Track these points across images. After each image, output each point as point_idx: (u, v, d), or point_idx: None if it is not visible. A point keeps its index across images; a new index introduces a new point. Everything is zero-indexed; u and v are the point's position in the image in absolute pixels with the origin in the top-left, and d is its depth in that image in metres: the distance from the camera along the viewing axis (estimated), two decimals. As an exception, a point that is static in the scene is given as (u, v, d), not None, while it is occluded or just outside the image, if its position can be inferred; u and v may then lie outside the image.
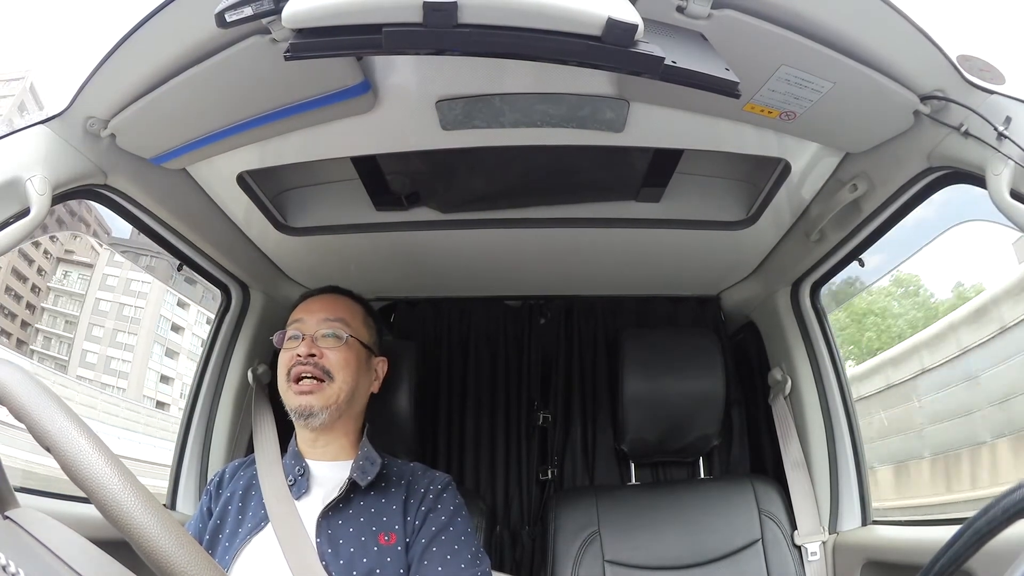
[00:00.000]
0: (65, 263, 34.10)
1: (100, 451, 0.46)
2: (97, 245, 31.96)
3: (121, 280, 32.81)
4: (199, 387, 1.49)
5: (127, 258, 2.24)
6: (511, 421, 1.73)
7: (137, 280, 31.76)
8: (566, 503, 1.45)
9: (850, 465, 1.40)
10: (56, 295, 33.57)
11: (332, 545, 1.00)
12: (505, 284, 1.70)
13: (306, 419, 1.08)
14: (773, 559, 1.36)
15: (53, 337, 32.80)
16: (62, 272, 34.07)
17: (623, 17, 0.65)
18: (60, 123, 0.92)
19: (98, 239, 28.18)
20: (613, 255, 1.53)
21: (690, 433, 1.51)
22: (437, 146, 1.12)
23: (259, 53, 0.84)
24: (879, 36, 0.83)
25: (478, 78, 0.98)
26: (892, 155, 1.02)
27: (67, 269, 34.10)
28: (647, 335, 1.59)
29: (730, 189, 1.37)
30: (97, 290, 32.71)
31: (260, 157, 1.14)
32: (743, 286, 1.65)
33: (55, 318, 33.15)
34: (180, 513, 1.41)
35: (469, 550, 1.03)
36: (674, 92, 0.74)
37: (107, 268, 32.21)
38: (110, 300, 33.03)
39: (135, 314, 32.52)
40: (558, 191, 1.36)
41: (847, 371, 1.50)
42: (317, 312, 1.14)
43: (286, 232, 1.37)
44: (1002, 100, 0.83)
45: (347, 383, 1.10)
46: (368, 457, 1.09)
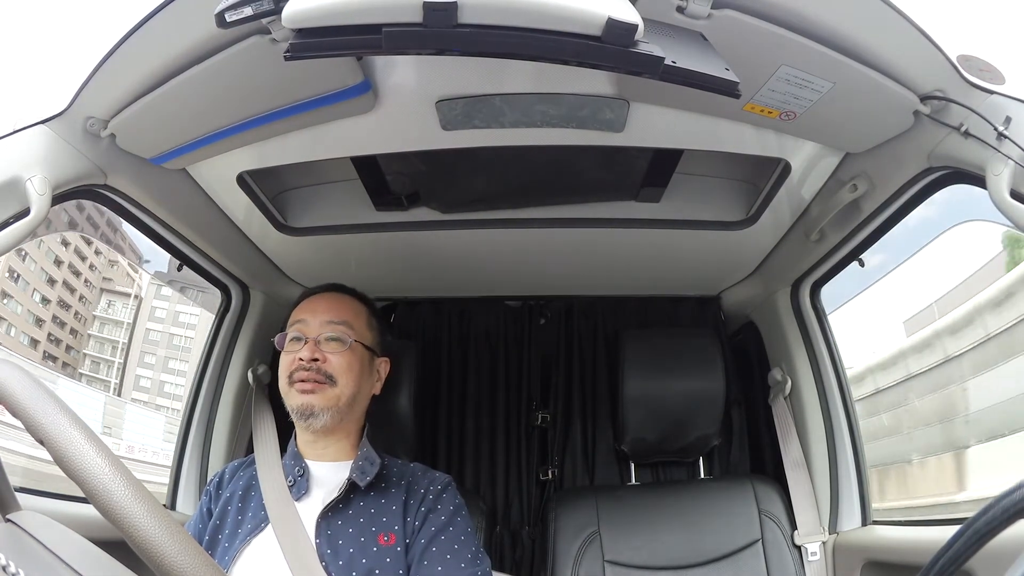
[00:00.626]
0: (108, 292, 36.95)
1: (100, 451, 0.46)
2: (133, 272, 34.90)
3: (169, 312, 35.40)
4: (199, 387, 1.49)
5: (173, 288, 2.33)
6: (511, 421, 1.73)
7: (185, 312, 34.31)
8: (566, 503, 1.45)
9: (850, 465, 1.40)
10: (101, 323, 36.33)
11: (331, 546, 1.00)
12: (505, 284, 1.70)
13: (307, 419, 1.07)
14: (773, 559, 1.36)
15: (101, 362, 35.24)
16: (106, 301, 36.95)
17: (623, 17, 0.65)
18: (60, 123, 0.92)
19: (133, 267, 29.13)
20: (613, 255, 1.53)
21: (690, 433, 1.51)
22: (437, 146, 1.12)
23: (259, 53, 0.84)
24: (879, 36, 0.83)
25: (478, 78, 0.98)
26: (892, 155, 1.02)
27: (111, 299, 37.03)
28: (647, 335, 1.59)
29: (730, 189, 1.37)
30: (147, 321, 34.99)
31: (260, 157, 1.14)
32: (743, 286, 1.65)
33: (102, 344, 35.64)
34: (180, 513, 1.41)
35: (469, 550, 1.03)
36: (674, 92, 0.74)
37: (155, 301, 34.70)
38: (160, 330, 35.68)
39: (185, 343, 34.98)
40: (558, 191, 1.36)
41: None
42: (320, 313, 1.12)
43: (286, 232, 1.37)
44: (1002, 100, 0.83)
45: (349, 387, 1.09)
46: (368, 458, 1.09)
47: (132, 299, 35.53)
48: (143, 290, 34.86)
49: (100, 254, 34.03)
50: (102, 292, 36.38)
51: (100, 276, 35.81)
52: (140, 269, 29.21)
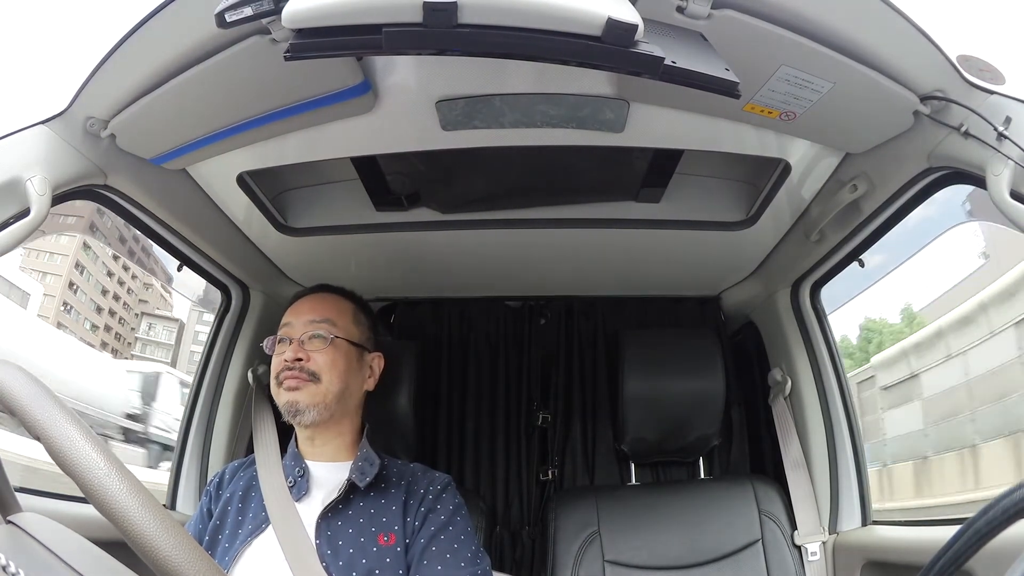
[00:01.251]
0: (148, 316, 40.25)
1: (100, 452, 0.46)
2: (166, 294, 37.70)
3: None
4: (199, 387, 1.49)
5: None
6: (511, 421, 1.73)
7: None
8: (566, 503, 1.45)
9: (850, 465, 1.40)
10: (143, 344, 39.77)
11: (331, 546, 1.00)
12: (505, 284, 1.70)
13: (295, 416, 1.08)
14: (773, 559, 1.36)
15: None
16: (147, 324, 40.33)
17: (623, 17, 0.65)
18: (60, 123, 0.92)
19: (166, 290, 30.94)
20: (613, 255, 1.53)
21: (690, 433, 1.51)
22: (437, 146, 1.12)
23: (259, 53, 0.84)
24: (879, 36, 0.83)
25: (478, 78, 0.98)
26: (892, 155, 1.02)
27: (151, 322, 40.37)
28: (647, 335, 1.59)
29: (730, 189, 1.37)
30: (191, 344, 36.66)
31: (260, 157, 1.14)
32: (743, 286, 1.65)
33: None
34: (180, 513, 1.41)
35: (469, 549, 1.03)
36: (674, 92, 0.74)
37: (197, 326, 36.29)
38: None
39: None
40: (558, 191, 1.36)
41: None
42: (304, 314, 1.14)
43: (286, 232, 1.37)
44: (1002, 100, 0.83)
45: (335, 383, 1.10)
46: (367, 458, 1.09)
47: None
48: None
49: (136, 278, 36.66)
50: (142, 315, 39.68)
51: (137, 299, 39.14)
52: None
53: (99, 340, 34.48)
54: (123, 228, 0.99)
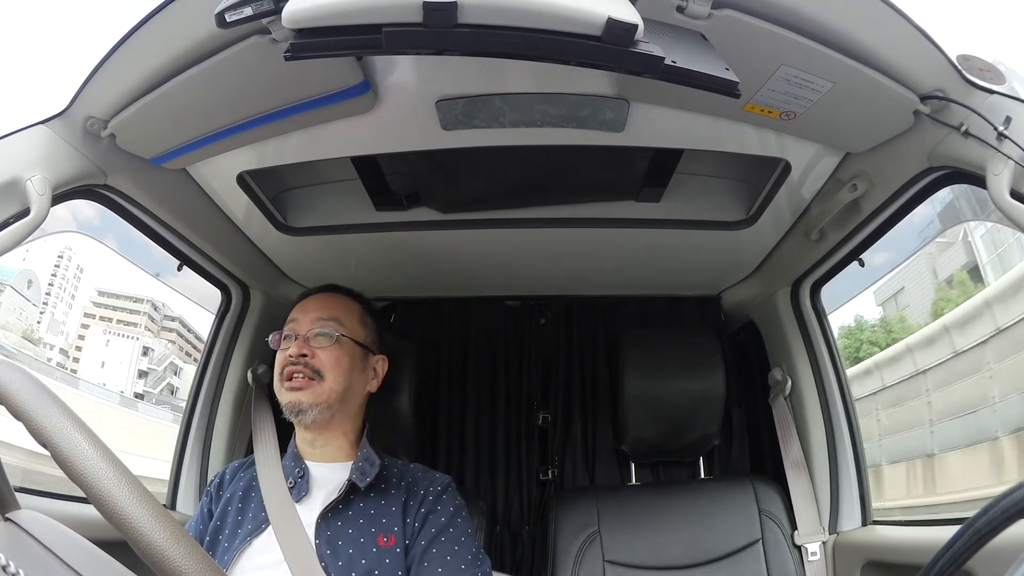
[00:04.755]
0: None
1: (101, 452, 0.46)
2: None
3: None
4: (199, 387, 1.49)
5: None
6: (511, 421, 1.73)
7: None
8: (566, 503, 1.45)
9: (850, 465, 1.39)
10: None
11: (331, 547, 1.00)
12: (505, 284, 1.70)
13: (297, 415, 1.08)
14: (773, 559, 1.36)
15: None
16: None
17: (623, 17, 0.65)
18: (60, 123, 0.92)
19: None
20: (613, 255, 1.53)
21: (690, 433, 1.51)
22: (437, 146, 1.12)
23: (259, 53, 0.84)
24: (879, 36, 0.83)
25: (478, 78, 0.98)
26: (892, 155, 1.02)
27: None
28: (647, 335, 1.59)
29: (730, 189, 1.37)
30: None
31: (260, 157, 1.14)
32: (743, 286, 1.65)
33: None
34: (180, 513, 1.41)
35: (469, 551, 1.03)
36: (674, 92, 0.74)
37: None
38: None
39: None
40: (558, 191, 1.36)
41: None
42: (311, 312, 1.14)
43: (286, 232, 1.37)
44: (1002, 100, 0.83)
45: (338, 382, 1.09)
46: (367, 459, 1.09)
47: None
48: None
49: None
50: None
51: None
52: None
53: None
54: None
